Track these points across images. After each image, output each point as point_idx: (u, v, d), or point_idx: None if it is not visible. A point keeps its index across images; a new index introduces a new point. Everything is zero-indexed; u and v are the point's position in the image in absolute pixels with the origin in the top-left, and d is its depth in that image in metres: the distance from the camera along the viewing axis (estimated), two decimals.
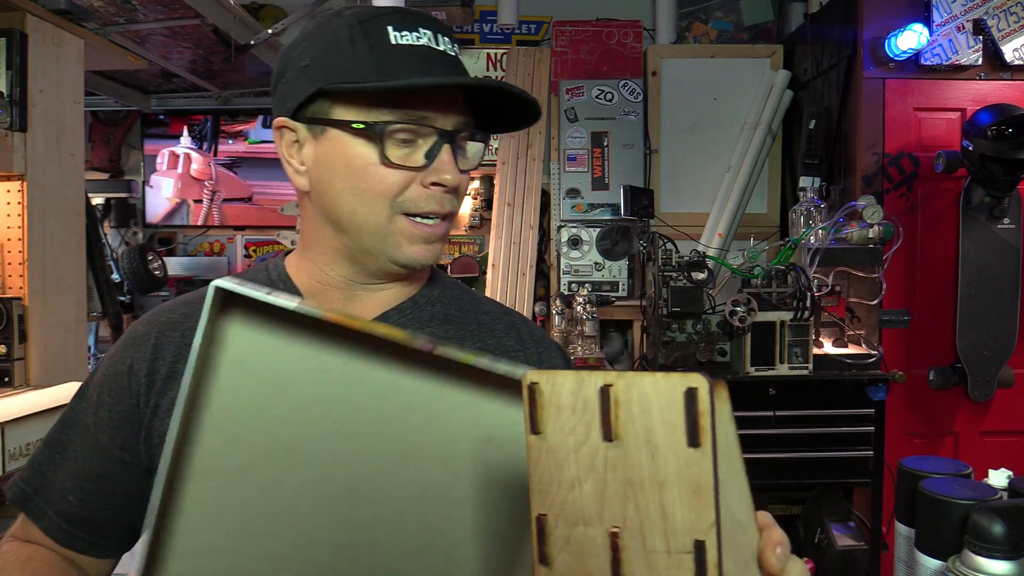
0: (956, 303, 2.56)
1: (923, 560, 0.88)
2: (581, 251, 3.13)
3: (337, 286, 0.84)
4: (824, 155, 2.80)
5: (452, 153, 0.78)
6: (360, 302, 0.85)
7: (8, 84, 1.65)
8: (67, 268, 1.84)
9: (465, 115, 0.80)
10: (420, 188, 0.78)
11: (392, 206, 0.78)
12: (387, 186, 0.78)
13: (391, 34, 0.76)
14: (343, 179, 0.79)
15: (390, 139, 0.77)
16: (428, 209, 0.79)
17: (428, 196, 0.79)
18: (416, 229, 0.79)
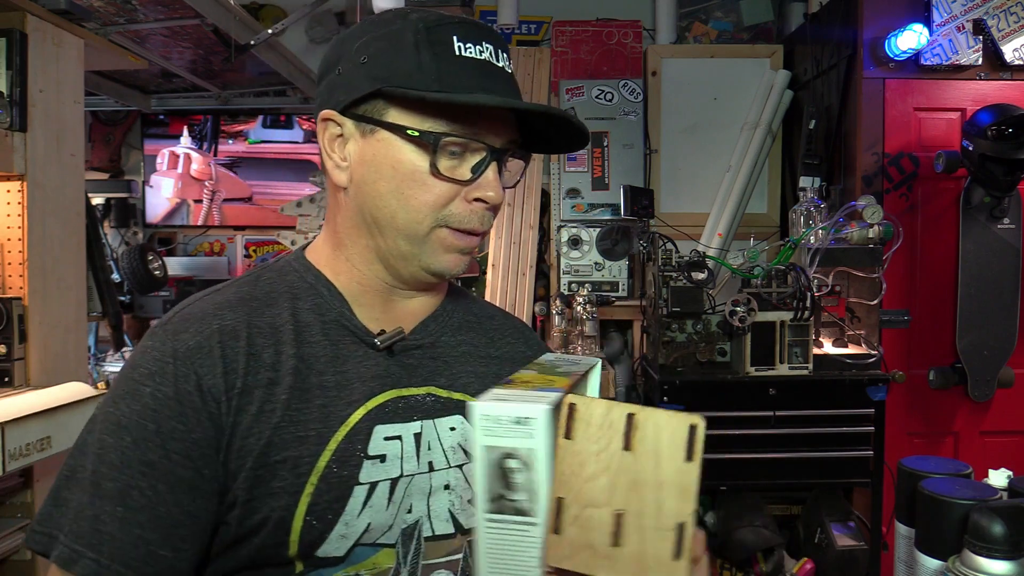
0: (956, 303, 2.56)
1: (923, 560, 0.88)
2: (581, 251, 3.13)
3: (377, 290, 0.84)
4: (824, 155, 2.80)
5: (497, 170, 0.79)
6: (398, 308, 0.85)
7: (8, 84, 1.65)
8: (67, 268, 1.84)
9: (513, 134, 0.81)
10: (464, 203, 0.78)
11: (436, 218, 0.78)
12: (433, 196, 0.77)
13: (456, 45, 0.76)
14: (388, 182, 0.78)
15: (442, 150, 0.77)
16: (470, 226, 0.79)
17: (471, 212, 0.79)
18: (455, 239, 0.79)
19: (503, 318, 0.98)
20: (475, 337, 0.91)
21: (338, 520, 0.73)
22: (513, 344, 0.94)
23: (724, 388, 2.22)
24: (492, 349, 0.92)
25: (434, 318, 0.88)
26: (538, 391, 0.63)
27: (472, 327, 0.92)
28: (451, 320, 0.90)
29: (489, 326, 0.94)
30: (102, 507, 0.69)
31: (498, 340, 0.93)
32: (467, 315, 0.93)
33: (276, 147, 3.67)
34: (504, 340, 0.94)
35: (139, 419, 0.71)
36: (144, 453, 0.70)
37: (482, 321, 0.94)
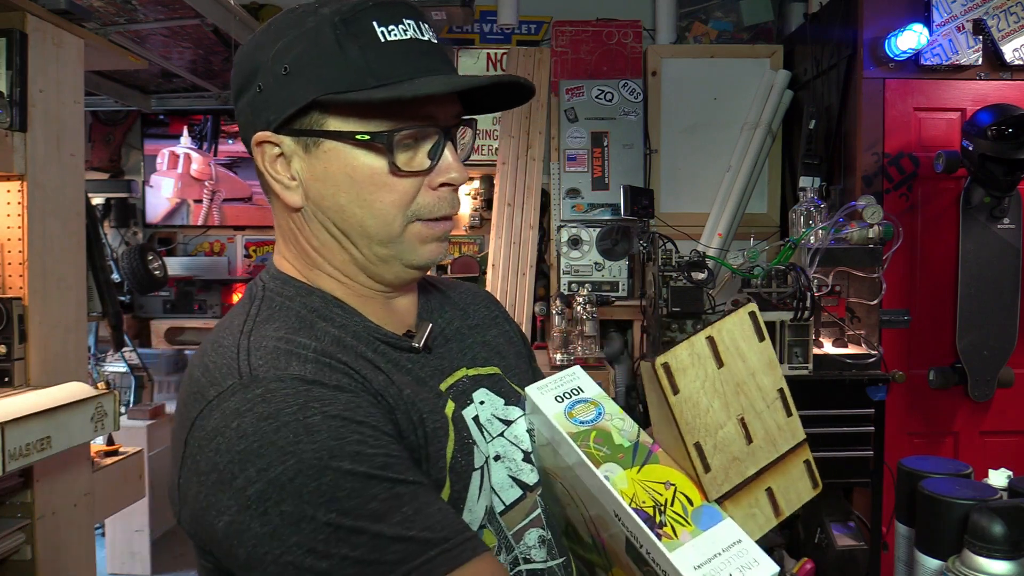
0: (956, 303, 2.56)
1: (923, 560, 0.88)
2: (581, 251, 3.13)
3: (371, 297, 0.81)
4: (824, 155, 2.80)
5: (453, 149, 0.76)
6: (400, 308, 0.84)
7: (8, 84, 1.65)
8: (67, 268, 1.83)
9: (456, 106, 0.77)
10: (430, 192, 0.75)
11: (406, 215, 0.74)
12: (397, 195, 0.74)
13: (378, 31, 0.70)
14: (347, 192, 0.74)
15: (397, 146, 0.72)
16: (442, 213, 0.76)
17: (439, 199, 0.76)
18: (430, 230, 0.77)
19: (459, 288, 0.99)
20: (452, 312, 0.91)
21: (463, 509, 0.73)
22: (481, 309, 0.96)
23: None
24: (470, 319, 0.92)
25: (425, 308, 0.88)
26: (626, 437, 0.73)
27: (448, 304, 0.92)
28: (431, 303, 0.90)
29: (457, 300, 0.95)
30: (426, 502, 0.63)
31: (470, 310, 0.94)
32: (433, 297, 0.92)
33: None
34: (475, 307, 0.95)
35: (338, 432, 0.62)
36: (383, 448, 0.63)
37: (449, 297, 0.94)
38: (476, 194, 3.53)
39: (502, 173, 3.23)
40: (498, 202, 3.22)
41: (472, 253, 3.52)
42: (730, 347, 0.71)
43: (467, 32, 3.50)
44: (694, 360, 0.70)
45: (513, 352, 0.94)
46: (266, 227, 3.70)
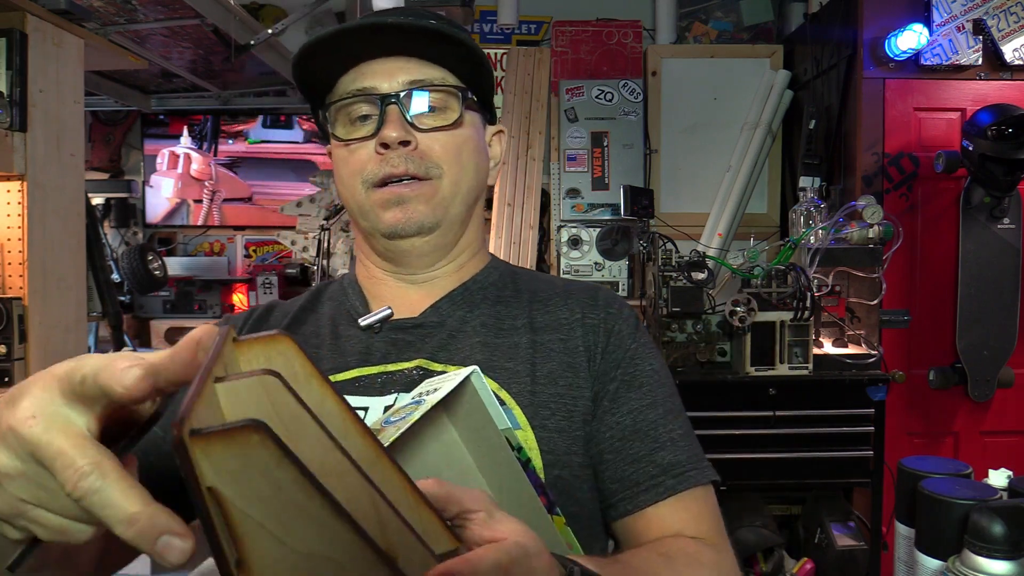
0: (956, 303, 2.56)
1: (923, 560, 0.88)
2: (581, 251, 3.13)
3: (383, 280, 0.88)
4: (824, 155, 2.79)
5: (401, 113, 0.79)
6: (409, 294, 0.87)
7: (8, 84, 1.65)
8: (67, 268, 1.83)
9: (420, 74, 0.81)
10: (376, 156, 0.80)
11: (363, 183, 0.81)
12: (352, 165, 0.81)
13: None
14: (336, 174, 0.85)
15: (339, 119, 0.82)
16: (383, 173, 0.80)
17: (380, 161, 0.80)
18: (383, 193, 0.80)
19: (559, 286, 0.92)
20: (503, 309, 0.88)
21: None
22: (554, 311, 0.88)
23: (724, 388, 2.22)
24: (518, 320, 0.87)
25: (450, 297, 0.87)
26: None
27: (504, 301, 0.89)
28: (472, 297, 0.88)
29: (532, 297, 0.90)
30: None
31: (533, 311, 0.88)
32: (504, 291, 0.90)
33: (276, 147, 3.67)
34: (544, 308, 0.89)
35: None
36: None
37: (522, 294, 0.90)
38: None
39: (502, 173, 3.23)
40: (498, 202, 3.22)
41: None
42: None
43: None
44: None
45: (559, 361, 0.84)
46: (266, 227, 3.70)
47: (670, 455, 0.81)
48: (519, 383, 0.81)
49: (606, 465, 0.82)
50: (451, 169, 0.82)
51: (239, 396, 0.39)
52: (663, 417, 0.83)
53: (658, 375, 0.87)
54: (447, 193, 0.82)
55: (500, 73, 3.36)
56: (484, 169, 0.89)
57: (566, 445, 0.80)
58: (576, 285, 0.93)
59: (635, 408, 0.83)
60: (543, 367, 0.83)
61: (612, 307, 0.89)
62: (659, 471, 0.80)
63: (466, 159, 0.84)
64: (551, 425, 0.79)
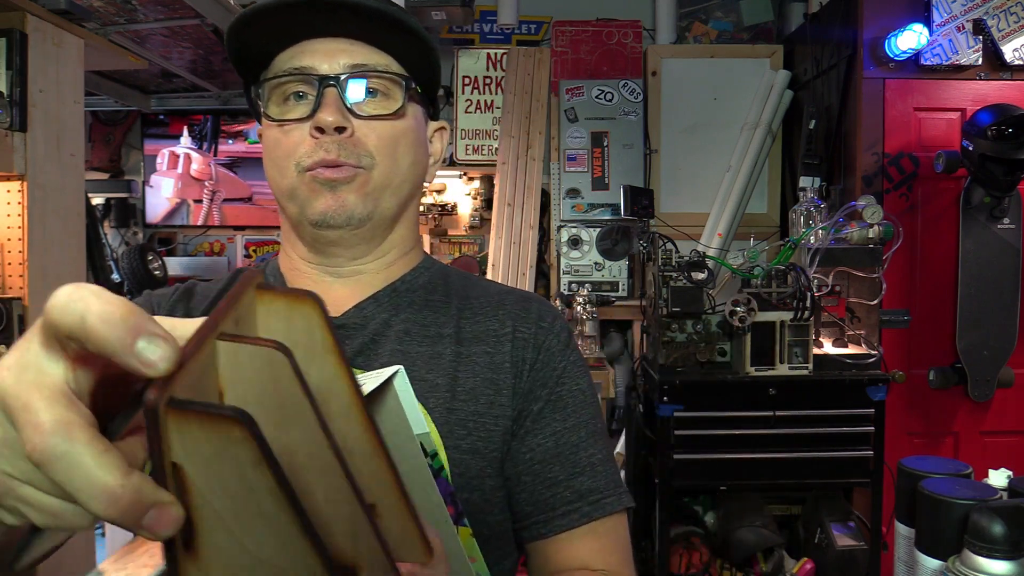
0: (956, 303, 2.56)
1: (923, 560, 0.88)
2: (581, 251, 3.13)
3: (306, 272, 0.83)
4: (824, 155, 2.79)
5: (340, 96, 0.75)
6: (333, 289, 0.82)
7: (8, 84, 1.65)
8: (67, 268, 1.83)
9: (363, 58, 0.77)
10: (310, 140, 0.75)
11: (296, 166, 0.76)
12: (283, 147, 0.76)
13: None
14: (265, 155, 0.81)
15: (272, 97, 0.77)
16: (316, 159, 0.75)
17: (315, 145, 0.75)
18: (314, 176, 0.76)
19: (493, 294, 0.87)
20: (429, 315, 0.83)
21: None
22: (483, 322, 0.83)
23: (724, 388, 2.22)
24: (444, 328, 0.82)
25: (375, 298, 0.82)
26: None
27: (432, 305, 0.84)
28: (399, 300, 0.83)
29: (462, 304, 0.85)
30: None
31: (462, 320, 0.83)
32: (433, 295, 0.85)
33: None
34: (472, 319, 0.84)
35: None
36: None
37: (452, 300, 0.85)
38: (476, 194, 3.53)
39: (502, 173, 3.23)
40: (498, 202, 3.22)
41: (472, 253, 3.52)
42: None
43: (467, 32, 3.50)
44: None
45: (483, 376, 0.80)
46: (266, 227, 3.70)
47: (589, 480, 0.80)
48: (437, 397, 0.77)
49: (523, 487, 0.79)
50: (384, 160, 0.78)
51: (240, 362, 0.34)
52: (585, 440, 0.81)
53: (584, 395, 0.84)
54: (378, 184, 0.78)
55: (500, 73, 3.36)
56: (422, 164, 0.84)
57: (479, 467, 0.77)
58: (511, 295, 0.88)
59: (558, 430, 0.80)
60: (465, 382, 0.79)
61: (544, 320, 0.85)
62: (576, 496, 0.79)
63: (402, 152, 0.79)
64: (465, 446, 0.76)
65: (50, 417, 0.30)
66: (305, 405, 0.34)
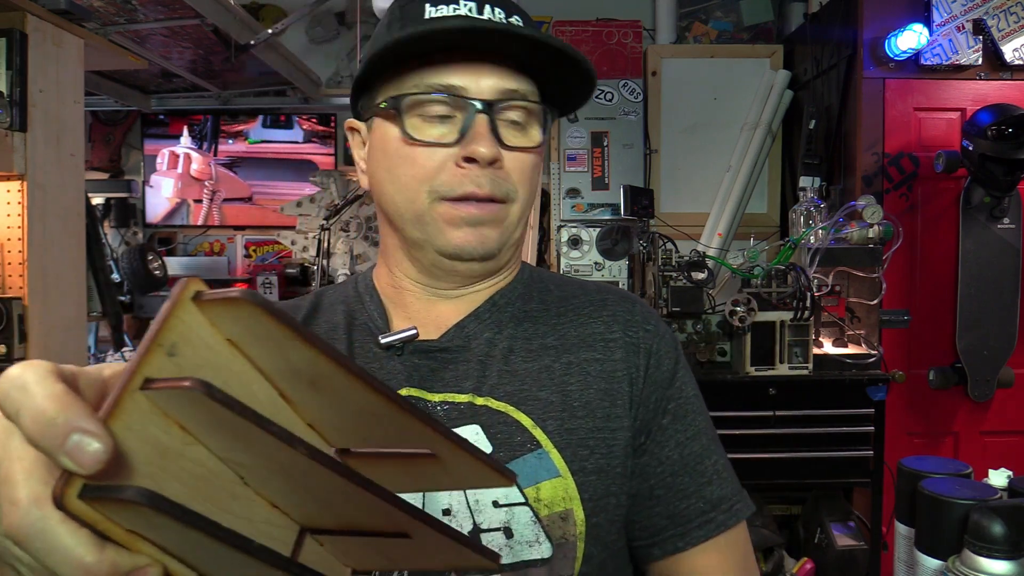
0: (956, 303, 2.56)
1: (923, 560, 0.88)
2: (581, 251, 3.13)
3: (412, 291, 0.78)
4: (824, 155, 2.79)
5: (491, 125, 0.69)
6: (436, 309, 0.78)
7: (8, 84, 1.65)
8: (67, 268, 1.83)
9: (513, 83, 0.71)
10: (454, 168, 0.70)
11: (430, 192, 0.70)
12: (418, 168, 0.70)
13: (427, 10, 0.69)
14: (382, 167, 0.74)
15: (411, 113, 0.70)
16: (462, 191, 0.69)
17: (462, 176, 0.69)
18: (455, 210, 0.70)
19: (593, 294, 0.82)
20: (529, 327, 0.78)
21: None
22: (585, 325, 0.78)
23: (724, 388, 2.22)
24: (547, 338, 0.77)
25: (476, 316, 0.77)
26: None
27: (532, 317, 0.79)
28: (500, 316, 0.78)
29: (560, 309, 0.80)
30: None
31: (564, 327, 0.78)
32: (530, 304, 0.80)
33: (276, 147, 3.67)
34: (573, 324, 0.79)
35: None
36: None
37: (551, 308, 0.80)
38: None
39: None
40: None
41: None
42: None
43: None
44: None
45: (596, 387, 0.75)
46: (266, 227, 3.70)
47: (718, 489, 0.78)
48: (554, 418, 0.72)
49: (656, 501, 0.76)
50: (524, 194, 0.74)
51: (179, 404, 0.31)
52: (706, 448, 0.79)
53: (698, 400, 0.81)
54: (515, 219, 0.74)
55: None
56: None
57: (604, 487, 0.72)
58: (611, 293, 0.83)
59: (681, 441, 0.77)
60: (579, 395, 0.74)
61: (650, 323, 0.80)
62: (709, 507, 0.77)
63: (535, 184, 0.76)
64: (590, 467, 0.72)
65: (26, 493, 0.30)
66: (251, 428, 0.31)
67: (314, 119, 3.65)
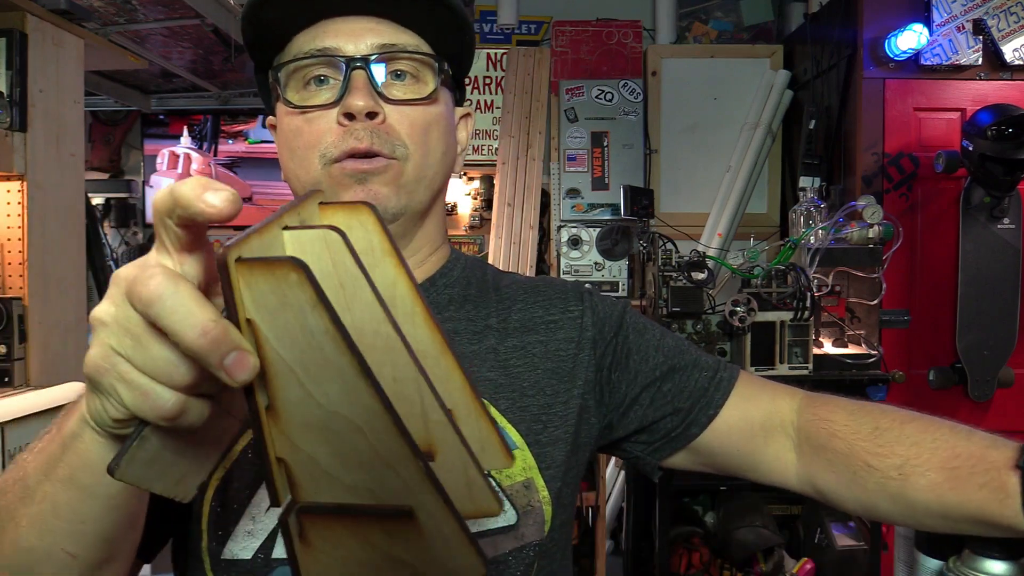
0: (956, 303, 2.56)
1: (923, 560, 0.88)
2: (581, 251, 3.13)
3: None
4: (824, 155, 2.79)
5: (369, 80, 0.68)
6: None
7: (8, 84, 1.65)
8: (67, 268, 1.83)
9: (392, 37, 0.70)
10: (337, 128, 0.69)
11: (320, 157, 0.69)
12: (306, 136, 0.70)
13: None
14: (282, 146, 0.74)
15: (292, 82, 0.70)
16: (345, 148, 0.68)
17: (343, 133, 0.68)
18: (342, 168, 0.69)
19: (524, 282, 0.84)
20: (472, 310, 0.78)
21: (244, 511, 0.66)
22: (527, 309, 0.79)
23: None
24: (490, 319, 0.78)
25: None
26: None
27: (471, 299, 0.79)
28: (439, 296, 0.78)
29: (499, 295, 0.81)
30: None
31: (502, 309, 0.79)
32: (469, 289, 0.80)
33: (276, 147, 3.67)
34: (513, 306, 0.80)
35: None
36: None
37: (488, 292, 0.81)
38: (476, 194, 3.52)
39: (502, 173, 3.23)
40: (498, 202, 3.22)
41: (472, 253, 3.52)
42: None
43: None
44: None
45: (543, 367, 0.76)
46: None
47: (705, 360, 0.82)
48: (504, 397, 0.74)
49: (671, 395, 0.79)
50: (418, 150, 0.71)
51: (302, 247, 0.37)
52: (677, 340, 0.84)
53: (653, 323, 0.86)
54: (411, 176, 0.71)
55: (500, 73, 3.36)
56: (452, 154, 0.77)
57: (564, 456, 0.74)
58: (546, 282, 0.85)
59: (655, 344, 0.81)
60: (527, 376, 0.76)
61: (587, 296, 0.82)
62: (712, 372, 0.81)
63: (435, 141, 0.72)
64: (545, 439, 0.74)
65: (162, 271, 0.36)
66: (362, 281, 0.37)
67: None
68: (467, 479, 0.39)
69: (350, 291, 0.37)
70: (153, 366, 0.37)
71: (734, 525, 2.35)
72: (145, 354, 0.37)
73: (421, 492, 0.35)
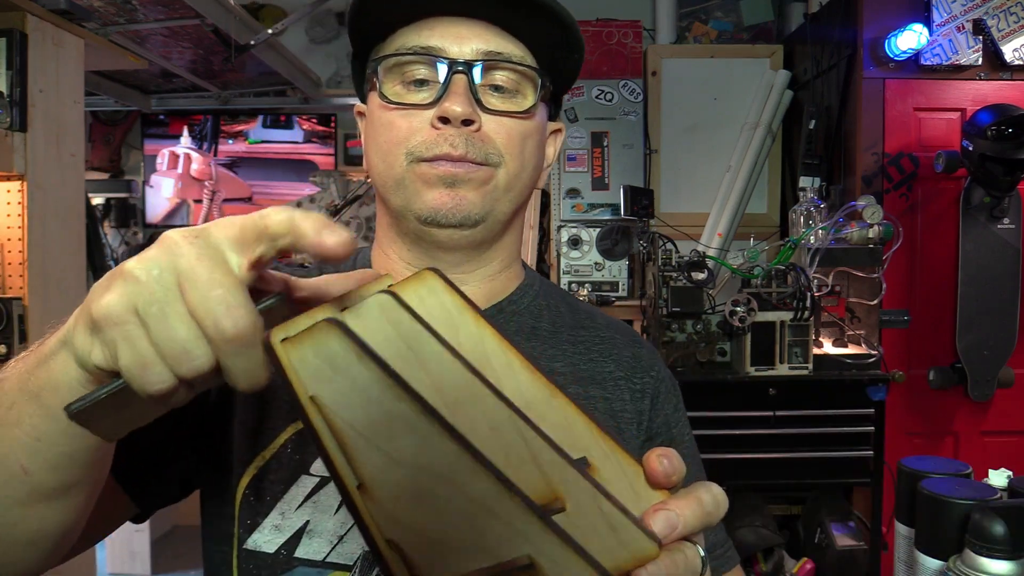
0: (956, 303, 2.56)
1: (923, 560, 0.88)
2: (581, 251, 3.13)
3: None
4: (824, 155, 2.79)
5: (469, 86, 0.67)
6: None
7: (8, 84, 1.65)
8: (67, 268, 1.83)
9: (498, 45, 0.68)
10: (430, 130, 0.67)
11: (407, 154, 0.68)
12: (395, 131, 0.68)
13: None
14: (369, 138, 0.72)
15: (390, 77, 0.69)
16: (437, 152, 0.67)
17: (437, 136, 0.67)
18: (429, 169, 0.67)
19: (602, 328, 0.81)
20: (538, 347, 0.75)
21: (275, 505, 0.66)
22: (598, 363, 0.77)
23: (724, 388, 2.22)
24: (556, 362, 0.75)
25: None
26: None
27: (540, 335, 0.76)
28: (506, 324, 0.75)
29: (574, 337, 0.77)
30: None
31: (575, 356, 0.76)
32: (540, 321, 0.77)
33: (276, 147, 3.67)
34: (586, 357, 0.77)
35: None
36: None
37: (561, 331, 0.77)
38: None
39: None
40: None
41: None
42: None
43: None
44: None
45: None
46: None
47: (711, 535, 0.77)
48: None
49: None
50: (513, 160, 0.70)
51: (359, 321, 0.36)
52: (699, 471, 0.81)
53: (694, 445, 0.81)
54: (501, 185, 0.70)
55: None
56: (539, 169, 0.76)
57: None
58: (620, 333, 0.82)
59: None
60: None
61: (654, 370, 0.80)
62: (723, 540, 0.79)
63: (528, 154, 0.72)
64: None
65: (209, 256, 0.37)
66: (425, 335, 0.36)
67: (314, 119, 3.65)
68: (609, 523, 0.34)
69: (417, 348, 0.36)
70: (167, 345, 0.37)
71: (734, 525, 2.35)
72: (166, 331, 0.37)
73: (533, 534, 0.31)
